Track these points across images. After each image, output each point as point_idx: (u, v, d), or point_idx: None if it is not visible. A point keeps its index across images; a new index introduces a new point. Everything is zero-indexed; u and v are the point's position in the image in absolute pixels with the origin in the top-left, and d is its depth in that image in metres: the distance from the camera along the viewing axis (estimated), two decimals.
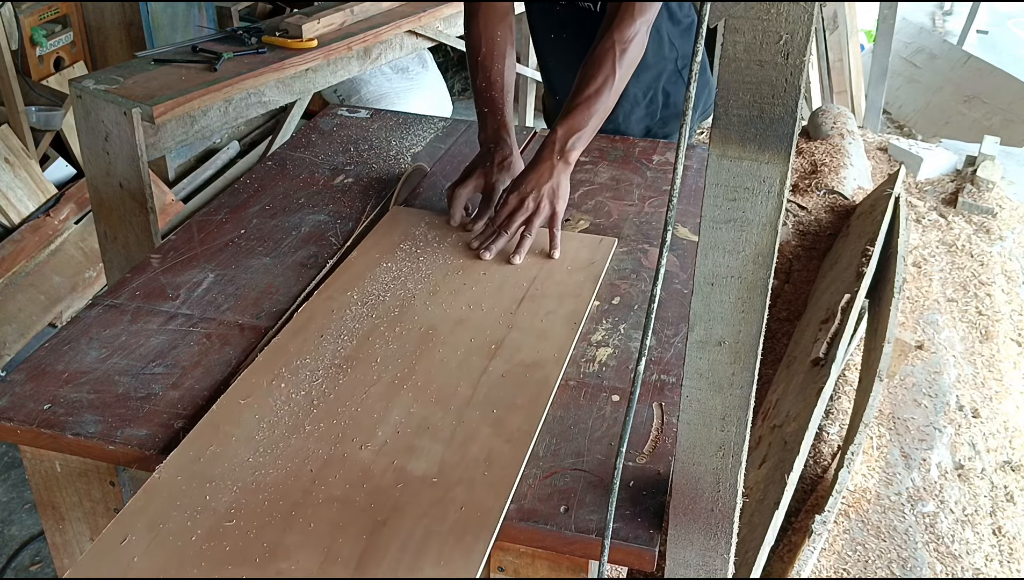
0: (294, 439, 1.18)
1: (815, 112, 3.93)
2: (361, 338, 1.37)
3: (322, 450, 1.16)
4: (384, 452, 1.16)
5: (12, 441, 1.24)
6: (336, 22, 2.82)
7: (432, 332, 1.39)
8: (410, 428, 1.20)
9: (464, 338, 1.38)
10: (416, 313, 1.44)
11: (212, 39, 2.73)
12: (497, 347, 1.36)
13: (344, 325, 1.40)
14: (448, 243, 1.63)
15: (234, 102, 2.55)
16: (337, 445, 1.17)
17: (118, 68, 2.53)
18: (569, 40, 2.01)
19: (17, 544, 2.48)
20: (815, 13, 0.79)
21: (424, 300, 1.47)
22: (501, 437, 1.19)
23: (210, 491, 1.10)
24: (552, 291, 1.50)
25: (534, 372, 1.31)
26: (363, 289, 1.49)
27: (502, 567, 1.15)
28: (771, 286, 0.91)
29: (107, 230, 2.52)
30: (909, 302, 2.68)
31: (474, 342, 1.37)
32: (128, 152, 2.33)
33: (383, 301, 1.46)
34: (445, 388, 1.27)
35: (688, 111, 0.86)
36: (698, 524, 1.05)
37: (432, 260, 1.58)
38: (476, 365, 1.32)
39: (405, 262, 1.57)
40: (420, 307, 1.45)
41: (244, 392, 1.26)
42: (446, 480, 1.12)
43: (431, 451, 1.16)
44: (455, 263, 1.58)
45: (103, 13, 3.86)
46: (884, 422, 2.19)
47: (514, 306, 1.46)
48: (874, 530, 1.89)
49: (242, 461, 1.14)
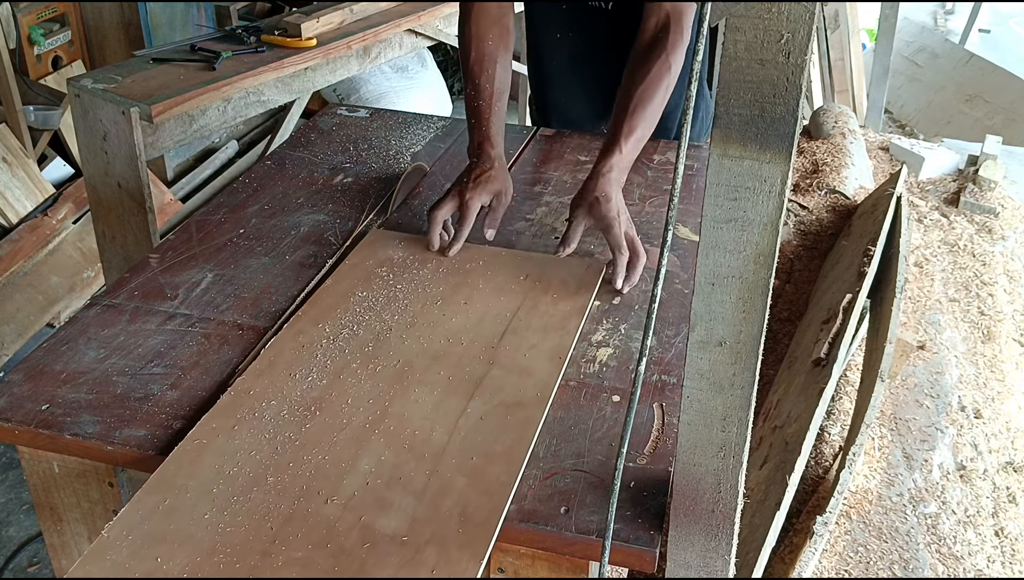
0: (255, 492, 1.09)
1: (816, 111, 3.92)
2: (332, 377, 1.28)
3: (284, 505, 1.07)
4: (351, 507, 1.07)
5: (10, 441, 1.23)
6: (335, 21, 2.82)
7: (408, 369, 1.30)
8: (380, 479, 1.11)
9: (442, 376, 1.29)
10: (391, 347, 1.34)
11: (211, 38, 2.73)
12: (476, 386, 1.27)
13: (314, 362, 1.31)
14: (428, 269, 1.54)
15: (233, 101, 2.55)
16: (301, 499, 1.08)
17: (116, 67, 2.53)
18: (575, 38, 1.99)
19: (15, 545, 2.47)
20: (816, 12, 0.78)
21: (401, 333, 1.38)
22: (477, 488, 1.10)
23: (162, 554, 1.01)
24: (536, 324, 1.41)
25: (515, 413, 1.23)
26: (335, 321, 1.40)
27: (502, 568, 1.15)
28: (772, 286, 0.90)
29: (105, 230, 2.52)
30: (911, 302, 2.68)
31: (452, 380, 1.28)
32: (126, 151, 2.33)
33: (356, 335, 1.37)
34: (419, 433, 1.18)
35: (689, 110, 0.85)
36: (699, 525, 1.04)
37: (410, 288, 1.49)
38: (453, 407, 1.23)
39: (381, 290, 1.48)
40: (396, 341, 1.36)
41: (203, 437, 1.17)
42: (416, 539, 1.03)
43: (402, 505, 1.07)
44: (434, 292, 1.48)
45: (101, 12, 3.85)
46: (886, 423, 2.19)
47: (495, 340, 1.37)
48: (876, 531, 1.89)
49: (198, 518, 1.06)
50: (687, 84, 0.85)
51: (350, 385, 1.27)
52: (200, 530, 1.04)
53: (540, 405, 1.24)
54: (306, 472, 1.12)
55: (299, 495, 1.09)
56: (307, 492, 1.09)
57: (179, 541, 1.03)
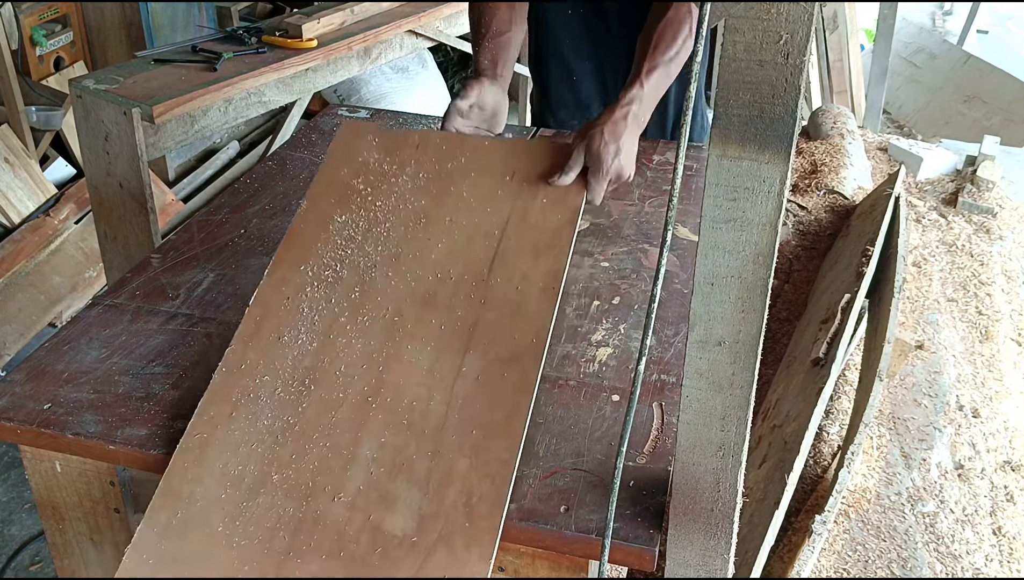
0: (262, 496, 1.10)
1: (815, 112, 3.93)
2: (322, 337, 1.26)
3: (292, 508, 1.09)
4: (357, 505, 1.09)
5: (12, 441, 1.24)
6: (336, 22, 2.82)
7: (398, 319, 1.28)
8: (383, 467, 1.12)
9: (434, 326, 1.27)
10: (378, 292, 1.31)
11: (212, 39, 2.73)
12: (470, 336, 1.25)
13: (301, 319, 1.28)
14: (408, 176, 1.45)
15: (234, 102, 2.55)
16: (308, 499, 1.09)
17: (118, 68, 2.53)
18: (586, 15, 1.97)
19: (17, 544, 2.48)
20: (815, 13, 0.79)
21: (387, 270, 1.33)
22: (480, 472, 1.11)
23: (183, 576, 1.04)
24: (526, 242, 1.37)
25: (511, 370, 1.22)
26: (317, 260, 1.36)
27: (502, 567, 1.15)
28: (771, 286, 0.91)
29: (107, 230, 2.52)
30: (909, 302, 2.68)
31: (444, 330, 1.26)
32: (128, 152, 2.33)
33: (341, 278, 1.33)
34: (417, 404, 1.18)
35: (688, 111, 0.86)
36: (698, 524, 1.05)
37: (390, 204, 1.42)
38: (448, 366, 1.22)
39: (360, 212, 1.42)
40: (382, 282, 1.32)
41: (204, 431, 1.16)
42: (426, 539, 1.06)
43: (408, 499, 1.09)
44: (416, 207, 1.40)
45: (103, 13, 3.86)
46: (884, 422, 2.19)
47: (485, 270, 1.33)
48: (874, 530, 1.89)
49: (211, 532, 1.07)
50: (687, 84, 0.85)
51: (341, 346, 1.25)
52: (215, 547, 1.06)
53: (536, 356, 1.24)
54: (309, 466, 1.13)
55: (305, 494, 1.10)
56: (313, 490, 1.10)
57: (197, 561, 1.05)
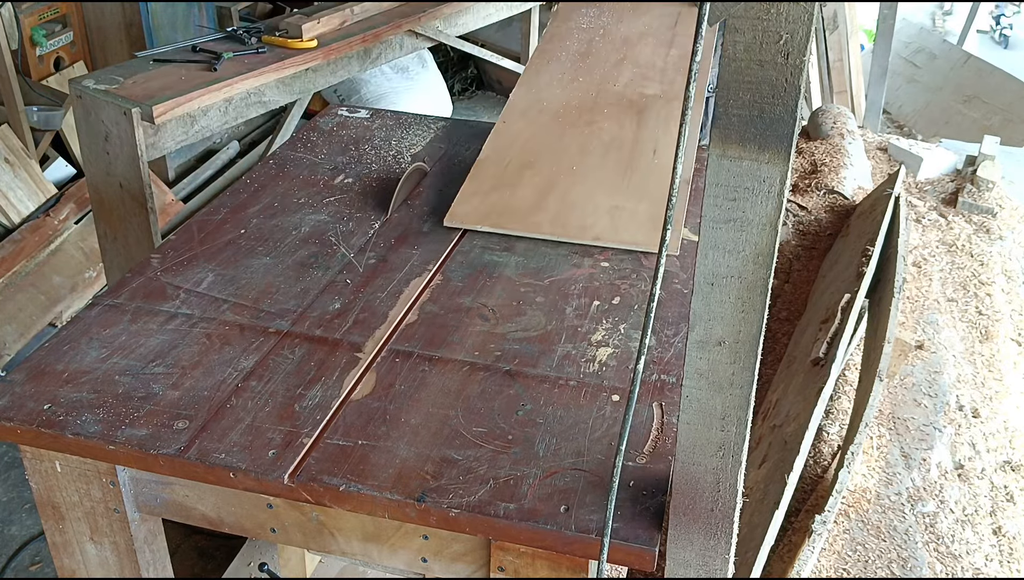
0: (578, 80, 2.16)
1: (815, 112, 3.93)
2: (577, 59, 2.29)
3: (593, 87, 2.12)
4: (627, 85, 2.13)
5: (12, 441, 1.24)
6: (336, 22, 2.82)
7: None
8: (638, 77, 2.16)
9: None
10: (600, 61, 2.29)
11: (212, 39, 2.73)
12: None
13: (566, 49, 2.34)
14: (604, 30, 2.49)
15: (234, 102, 2.55)
16: (602, 85, 2.13)
17: (118, 68, 2.53)
18: None
19: (17, 544, 2.48)
20: (815, 13, 0.79)
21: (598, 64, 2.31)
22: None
23: (543, 106, 2.07)
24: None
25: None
26: (565, 45, 2.40)
27: (502, 567, 1.15)
28: (771, 286, 0.91)
29: (107, 230, 2.52)
30: (909, 302, 2.68)
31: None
32: (128, 152, 2.33)
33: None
34: (654, 60, 2.25)
35: (687, 111, 0.86)
36: (698, 524, 1.05)
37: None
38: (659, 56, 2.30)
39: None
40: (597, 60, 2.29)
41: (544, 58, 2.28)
42: (668, 95, 2.08)
43: (654, 83, 2.14)
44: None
45: (103, 13, 3.86)
46: (884, 422, 2.19)
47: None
48: (874, 530, 1.89)
49: (556, 90, 2.13)
50: (687, 84, 0.85)
51: (592, 62, 2.27)
52: (556, 94, 2.12)
53: None
54: (596, 74, 2.19)
55: (600, 83, 2.14)
56: (601, 81, 2.15)
57: (550, 99, 2.11)
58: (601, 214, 1.73)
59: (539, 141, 1.94)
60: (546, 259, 1.64)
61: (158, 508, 1.31)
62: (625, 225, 1.70)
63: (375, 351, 1.39)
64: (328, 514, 1.23)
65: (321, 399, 1.28)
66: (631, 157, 1.89)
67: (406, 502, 1.12)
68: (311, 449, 1.20)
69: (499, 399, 1.29)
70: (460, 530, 1.13)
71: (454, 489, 1.13)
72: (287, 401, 1.28)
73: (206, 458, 1.18)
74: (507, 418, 1.25)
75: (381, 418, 1.25)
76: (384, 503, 1.13)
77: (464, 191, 1.80)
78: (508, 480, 1.15)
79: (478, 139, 2.01)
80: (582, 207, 1.75)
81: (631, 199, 1.76)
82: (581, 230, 1.69)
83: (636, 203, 1.75)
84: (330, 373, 1.34)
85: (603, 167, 1.85)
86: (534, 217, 1.73)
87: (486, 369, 1.35)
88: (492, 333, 1.43)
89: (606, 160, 1.88)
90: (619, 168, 1.85)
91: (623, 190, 1.79)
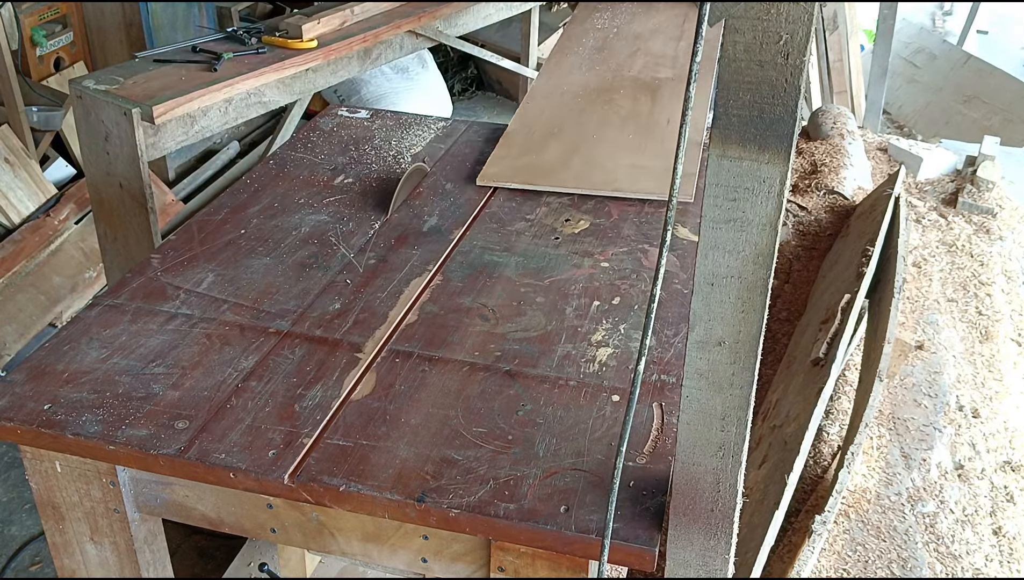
0: (596, 68, 2.35)
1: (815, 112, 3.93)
2: (598, 50, 2.50)
3: (610, 73, 2.31)
4: (641, 71, 2.32)
5: (13, 441, 1.24)
6: (336, 22, 2.82)
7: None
8: (650, 63, 2.36)
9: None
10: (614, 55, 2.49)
11: (212, 39, 2.73)
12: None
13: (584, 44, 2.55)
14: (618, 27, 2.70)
15: (234, 102, 2.55)
16: (618, 70, 2.32)
17: (118, 68, 2.53)
18: None
19: (17, 544, 2.48)
20: (815, 13, 0.79)
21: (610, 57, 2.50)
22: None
23: (564, 90, 2.27)
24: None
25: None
26: (581, 42, 2.57)
27: (502, 567, 1.15)
28: (771, 286, 0.91)
29: (107, 230, 2.52)
30: (909, 302, 2.68)
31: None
32: (128, 152, 2.33)
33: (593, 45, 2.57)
34: (665, 51, 2.42)
35: (687, 112, 0.86)
36: (698, 524, 1.05)
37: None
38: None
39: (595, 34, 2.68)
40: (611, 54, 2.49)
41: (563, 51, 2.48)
42: (680, 76, 2.29)
43: (667, 68, 2.33)
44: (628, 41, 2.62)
45: (103, 13, 3.85)
46: (884, 422, 2.19)
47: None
48: (874, 530, 1.89)
49: (575, 76, 2.33)
50: (687, 84, 0.85)
51: (608, 54, 2.45)
52: (577, 79, 2.31)
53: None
54: (612, 63, 2.38)
55: (616, 69, 2.35)
56: (619, 68, 2.34)
57: (571, 85, 2.29)
58: (621, 170, 1.91)
59: (562, 115, 2.16)
60: (546, 259, 1.64)
61: (158, 508, 1.31)
62: (643, 179, 1.87)
63: (375, 351, 1.39)
64: (328, 514, 1.23)
65: (321, 399, 1.28)
66: (647, 126, 2.10)
67: (406, 502, 1.12)
68: (311, 449, 1.20)
69: (499, 399, 1.29)
70: (460, 530, 1.13)
71: (454, 489, 1.13)
72: (287, 401, 1.28)
73: (206, 458, 1.18)
74: (507, 418, 1.25)
75: (381, 418, 1.26)
76: (384, 503, 1.13)
77: (494, 156, 1.99)
78: (508, 480, 1.15)
79: (480, 139, 2.01)
80: (602, 165, 1.93)
81: (648, 158, 1.95)
82: (604, 183, 1.87)
83: (652, 160, 1.94)
84: (330, 373, 1.34)
85: (621, 134, 2.05)
86: (559, 174, 1.90)
87: (486, 369, 1.35)
88: (492, 333, 1.43)
89: (624, 129, 2.08)
90: (636, 135, 2.05)
91: (640, 151, 1.98)
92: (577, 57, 2.49)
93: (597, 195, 1.86)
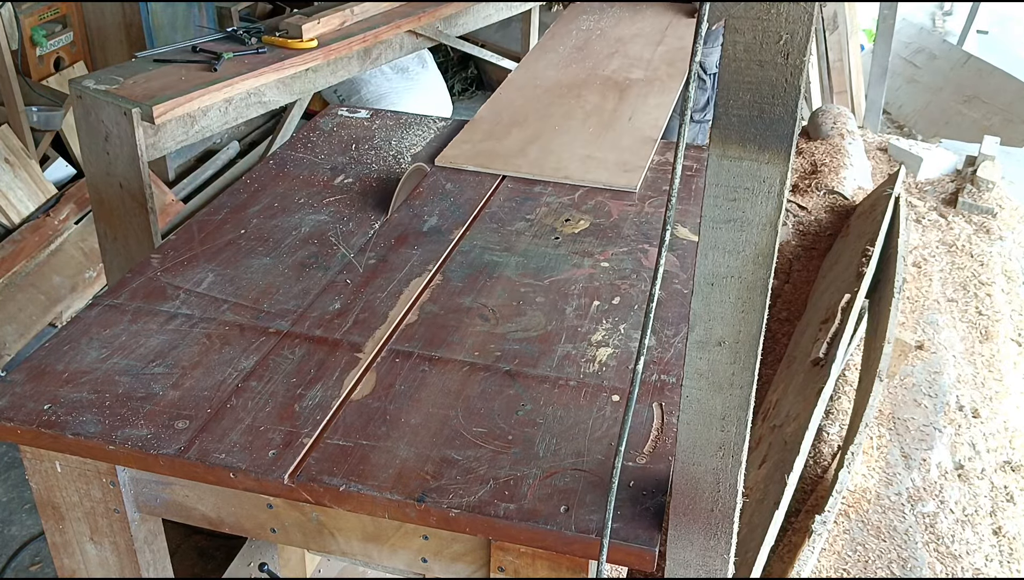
0: (572, 66, 2.48)
1: (815, 112, 3.93)
2: (577, 49, 2.63)
3: (584, 72, 2.42)
4: (615, 71, 2.45)
5: (12, 441, 1.24)
6: (336, 22, 2.82)
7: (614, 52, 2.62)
8: (626, 64, 2.51)
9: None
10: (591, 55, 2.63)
11: (212, 39, 2.73)
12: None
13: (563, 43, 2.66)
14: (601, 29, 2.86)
15: (234, 102, 2.55)
16: (593, 70, 2.43)
17: (118, 68, 2.53)
18: None
19: (17, 544, 2.48)
20: (815, 13, 0.79)
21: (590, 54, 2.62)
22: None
23: (537, 84, 2.40)
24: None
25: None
26: (563, 42, 2.70)
27: (502, 567, 1.15)
28: (771, 286, 0.91)
29: (107, 230, 2.52)
30: (909, 302, 2.68)
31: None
32: (128, 152, 2.33)
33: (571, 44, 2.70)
34: (642, 54, 2.56)
35: (687, 112, 0.86)
36: (698, 524, 1.05)
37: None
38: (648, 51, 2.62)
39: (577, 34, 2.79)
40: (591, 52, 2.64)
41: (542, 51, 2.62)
42: (650, 78, 2.40)
43: (640, 70, 2.44)
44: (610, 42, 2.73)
45: (103, 13, 3.85)
46: (884, 422, 2.19)
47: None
48: (874, 530, 1.89)
49: (550, 72, 2.44)
50: (686, 84, 0.85)
51: (587, 54, 2.59)
52: (550, 75, 2.44)
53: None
54: (589, 63, 2.50)
55: (592, 68, 2.48)
56: (594, 68, 2.46)
57: (544, 81, 2.40)
58: (575, 160, 1.98)
59: (530, 107, 2.26)
60: (546, 259, 1.64)
61: (158, 508, 1.31)
62: (594, 169, 1.95)
63: (375, 351, 1.39)
64: (328, 514, 1.23)
65: (321, 399, 1.28)
66: (609, 121, 2.19)
67: (406, 502, 1.12)
68: (311, 449, 1.20)
69: (499, 399, 1.29)
70: (460, 530, 1.13)
71: (454, 489, 1.13)
72: (287, 401, 1.28)
73: (206, 458, 1.18)
74: (507, 418, 1.25)
75: (381, 418, 1.26)
76: (384, 503, 1.13)
77: (457, 139, 2.07)
78: (508, 480, 1.15)
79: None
80: (558, 154, 2.01)
81: (603, 150, 2.03)
82: (554, 171, 1.94)
83: (607, 153, 2.01)
84: (330, 373, 1.34)
85: (583, 127, 2.14)
86: (516, 160, 1.98)
87: (486, 369, 1.35)
88: (492, 333, 1.43)
89: (586, 123, 2.17)
90: (597, 129, 2.13)
91: (597, 144, 2.06)
92: (556, 55, 2.62)
93: (547, 181, 1.93)
